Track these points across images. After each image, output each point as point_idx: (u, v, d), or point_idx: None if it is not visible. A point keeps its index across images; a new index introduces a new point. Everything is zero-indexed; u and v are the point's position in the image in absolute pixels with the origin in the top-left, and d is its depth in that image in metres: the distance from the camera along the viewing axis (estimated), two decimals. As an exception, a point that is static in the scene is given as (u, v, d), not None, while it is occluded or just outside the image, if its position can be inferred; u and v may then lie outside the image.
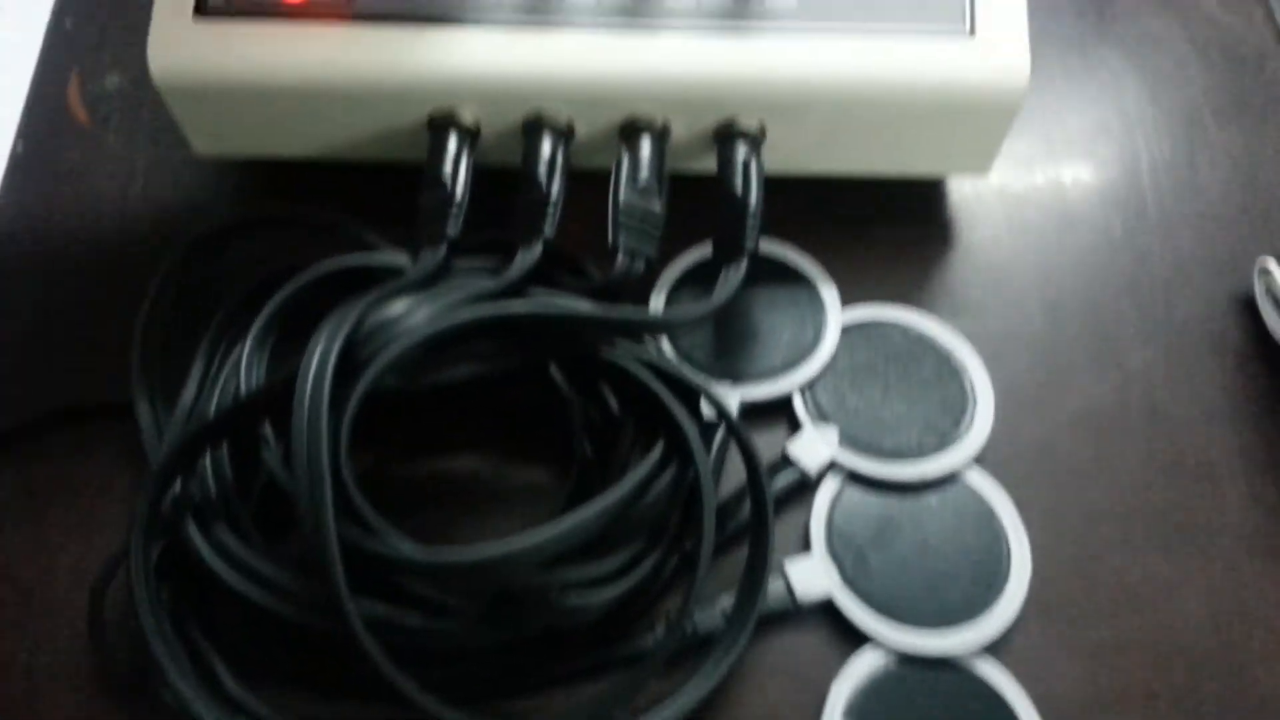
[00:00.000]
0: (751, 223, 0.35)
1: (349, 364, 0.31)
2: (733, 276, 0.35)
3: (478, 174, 0.37)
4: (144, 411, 0.36)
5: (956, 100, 0.35)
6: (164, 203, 0.42)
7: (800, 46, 0.35)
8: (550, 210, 0.35)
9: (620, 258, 0.35)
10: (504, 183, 0.36)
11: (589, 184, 0.36)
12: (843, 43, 0.35)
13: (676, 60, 0.35)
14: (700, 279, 0.39)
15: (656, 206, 0.36)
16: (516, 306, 0.32)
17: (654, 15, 0.35)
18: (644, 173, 0.36)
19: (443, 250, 0.35)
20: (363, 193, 0.40)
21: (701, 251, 0.39)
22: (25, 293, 0.40)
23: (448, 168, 0.36)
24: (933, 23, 0.35)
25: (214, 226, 0.38)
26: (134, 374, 0.36)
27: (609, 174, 0.36)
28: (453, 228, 0.35)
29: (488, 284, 0.34)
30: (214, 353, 0.37)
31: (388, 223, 0.38)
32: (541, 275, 0.35)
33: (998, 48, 0.35)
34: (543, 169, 0.36)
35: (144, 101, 0.44)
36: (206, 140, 0.39)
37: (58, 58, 0.45)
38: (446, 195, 0.35)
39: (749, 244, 0.35)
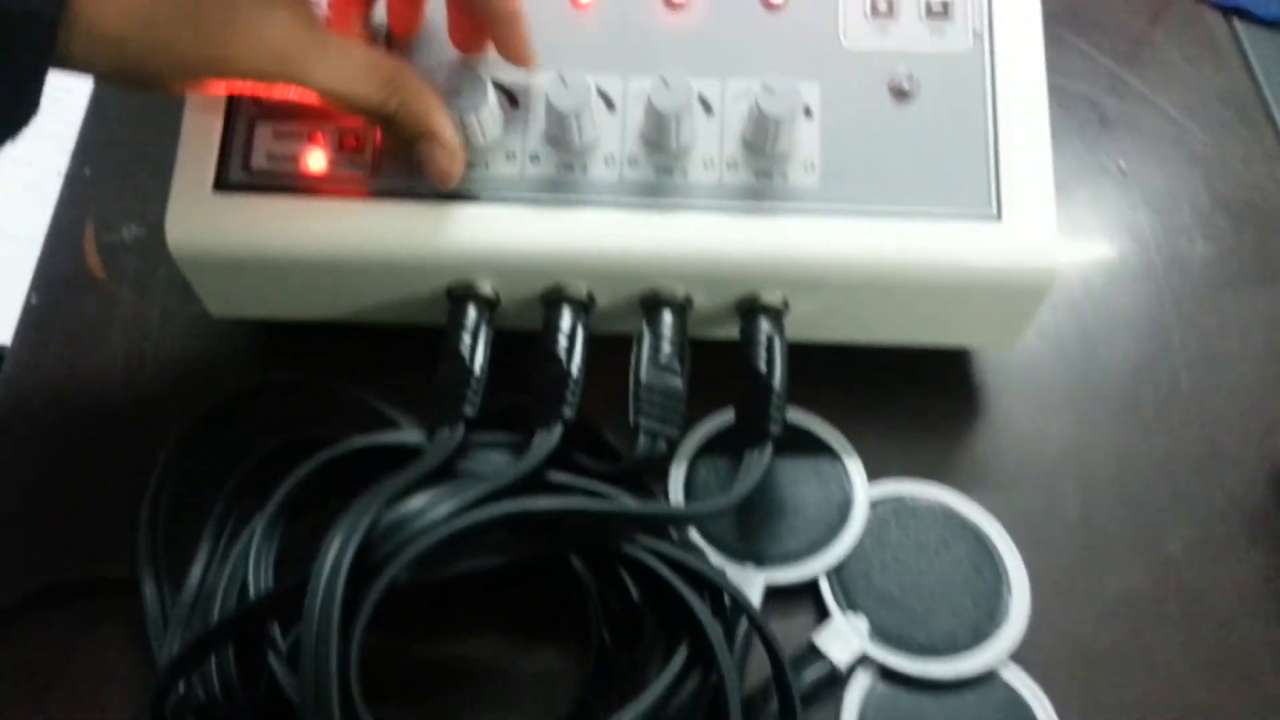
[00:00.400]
0: (776, 403, 0.34)
1: (364, 564, 0.30)
2: (757, 464, 0.34)
3: (497, 336, 0.36)
4: (149, 592, 0.35)
5: (983, 285, 0.34)
6: (177, 360, 0.41)
7: (822, 227, 0.34)
8: (570, 389, 0.34)
9: (641, 439, 0.34)
10: (524, 344, 0.36)
11: (609, 346, 0.35)
12: (866, 225, 0.34)
13: (698, 239, 0.34)
14: (722, 448, 0.38)
15: (678, 383, 0.35)
16: (535, 503, 0.31)
17: (675, 194, 0.35)
18: (666, 348, 0.35)
19: (460, 431, 0.34)
20: (379, 350, 0.39)
21: (723, 418, 0.39)
22: (33, 457, 0.40)
23: (466, 342, 0.35)
24: (958, 206, 0.34)
25: (222, 398, 0.38)
26: (140, 553, 0.35)
27: (630, 337, 0.35)
28: (470, 408, 0.34)
29: (506, 467, 0.33)
30: (221, 530, 0.36)
31: (404, 379, 0.37)
32: (560, 453, 0.34)
33: (1026, 232, 0.34)
34: (562, 345, 0.35)
35: (160, 254, 0.43)
36: (222, 304, 0.39)
37: (75, 206, 0.45)
38: (464, 371, 0.35)
39: (773, 429, 0.34)
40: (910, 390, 0.40)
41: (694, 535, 0.36)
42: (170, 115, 0.36)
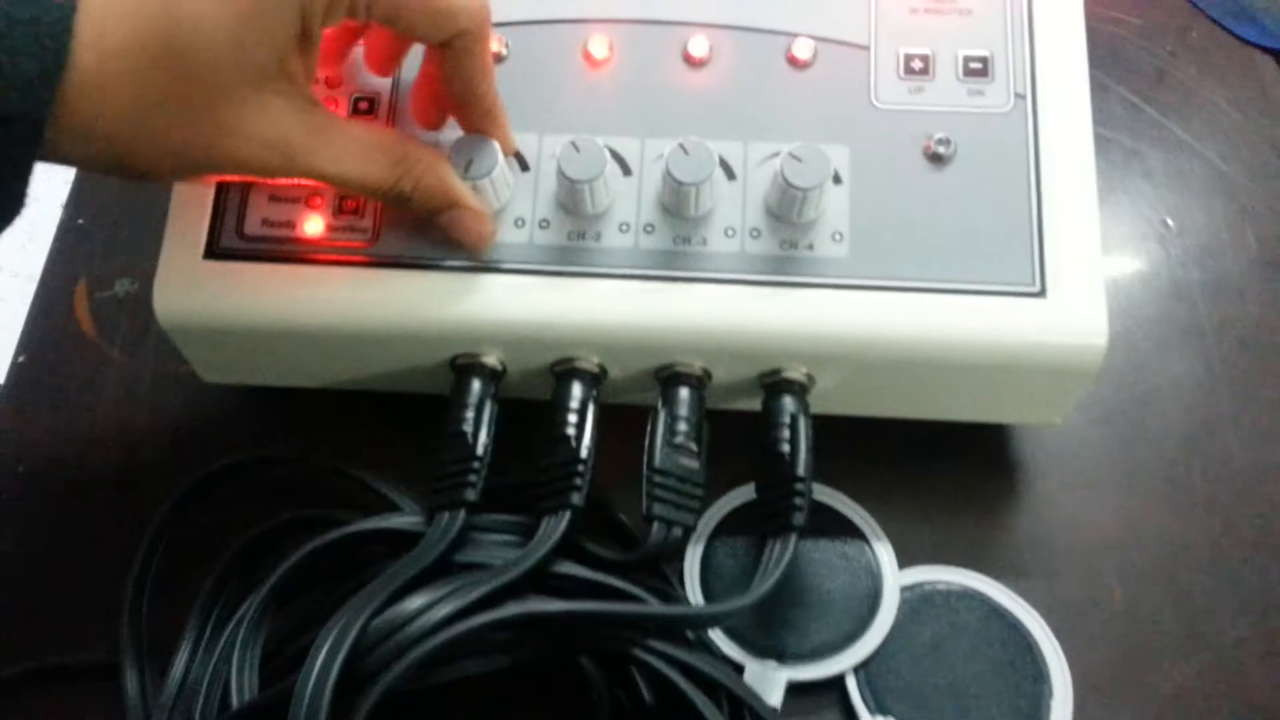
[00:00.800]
0: (801, 489, 0.32)
1: (356, 672, 0.28)
2: (779, 558, 0.31)
3: (503, 403, 0.34)
4: (130, 684, 0.33)
5: (1024, 364, 0.32)
6: (169, 425, 0.39)
7: (851, 301, 0.32)
8: (579, 473, 0.32)
9: (654, 529, 0.32)
10: (532, 411, 0.33)
11: (626, 409, 0.34)
12: (898, 299, 0.32)
13: (718, 312, 0.32)
14: (742, 527, 0.36)
15: (695, 465, 0.33)
16: (540, 606, 0.29)
17: (694, 264, 0.32)
18: (682, 427, 0.33)
19: (460, 517, 0.32)
20: (381, 413, 0.38)
21: (742, 493, 0.36)
22: (14, 527, 0.38)
23: (469, 420, 0.33)
24: (999, 280, 0.32)
25: (208, 474, 0.36)
26: (122, 639, 0.33)
27: (643, 408, 0.33)
28: (472, 492, 0.32)
29: (510, 557, 0.31)
30: (208, 616, 0.33)
31: (407, 443, 0.35)
32: (568, 541, 0.32)
33: (1072, 308, 0.31)
34: (571, 423, 0.33)
35: (153, 311, 0.42)
36: (214, 371, 0.37)
37: (67, 259, 0.43)
38: (467, 452, 0.33)
39: (797, 520, 0.32)
40: (942, 466, 0.37)
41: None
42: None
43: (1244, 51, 0.46)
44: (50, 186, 0.48)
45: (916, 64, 0.34)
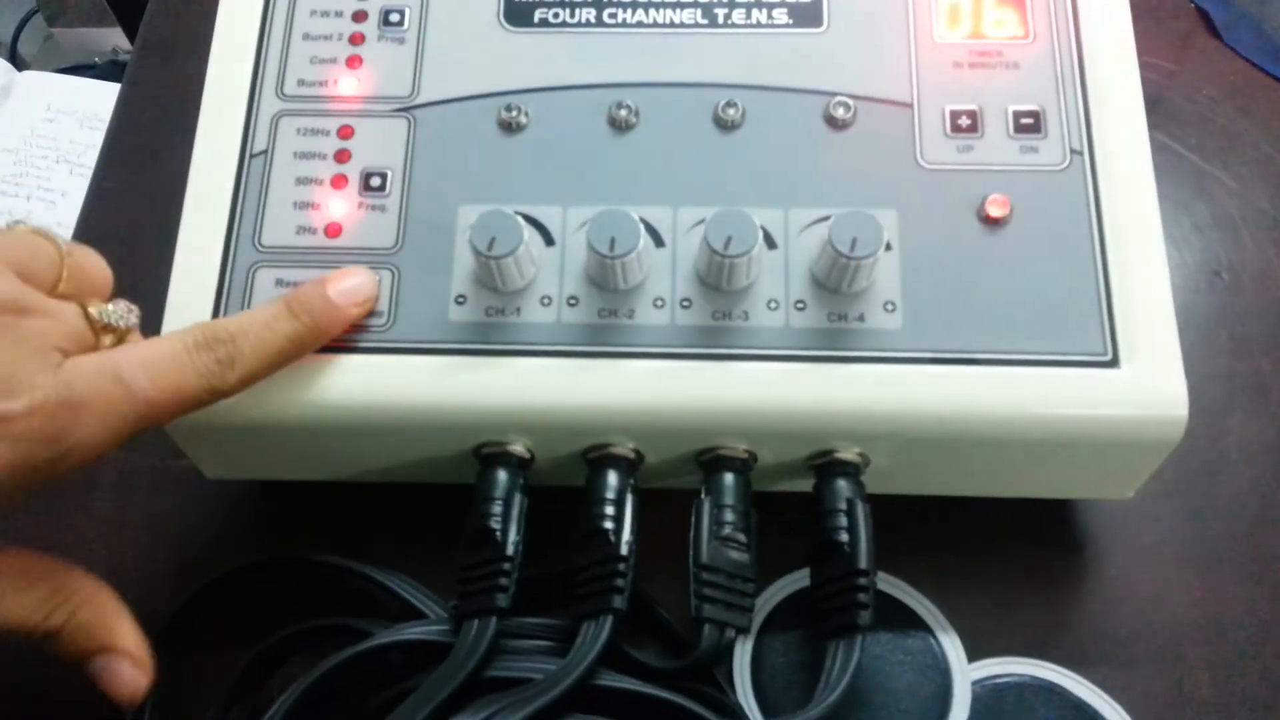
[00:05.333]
0: (864, 584, 0.29)
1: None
2: (843, 665, 0.28)
3: (534, 488, 0.31)
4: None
5: (1097, 440, 0.29)
6: (165, 524, 0.37)
7: (906, 376, 0.29)
8: (620, 573, 0.29)
9: (706, 631, 0.29)
10: (564, 495, 0.31)
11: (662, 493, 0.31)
12: (956, 373, 0.29)
13: (762, 391, 0.30)
14: (795, 617, 0.33)
15: (745, 558, 0.30)
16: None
17: (736, 340, 0.30)
18: (728, 516, 0.30)
19: (491, 626, 0.29)
20: (399, 502, 0.35)
21: (795, 580, 0.34)
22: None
23: (497, 516, 0.30)
24: (1066, 350, 0.29)
25: (207, 581, 0.33)
26: (122, 770, 0.30)
27: (685, 492, 0.31)
28: (504, 597, 0.29)
29: (547, 668, 0.28)
30: (217, 739, 0.31)
31: (427, 534, 0.32)
32: (611, 650, 0.29)
33: (1148, 379, 0.29)
34: (609, 518, 0.30)
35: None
36: (218, 467, 0.34)
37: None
38: (496, 553, 0.30)
39: (863, 620, 0.29)
40: (1003, 545, 0.34)
41: (766, 734, 0.31)
42: (167, 227, 0.32)
43: (1285, 94, 0.44)
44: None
45: (964, 120, 0.32)
